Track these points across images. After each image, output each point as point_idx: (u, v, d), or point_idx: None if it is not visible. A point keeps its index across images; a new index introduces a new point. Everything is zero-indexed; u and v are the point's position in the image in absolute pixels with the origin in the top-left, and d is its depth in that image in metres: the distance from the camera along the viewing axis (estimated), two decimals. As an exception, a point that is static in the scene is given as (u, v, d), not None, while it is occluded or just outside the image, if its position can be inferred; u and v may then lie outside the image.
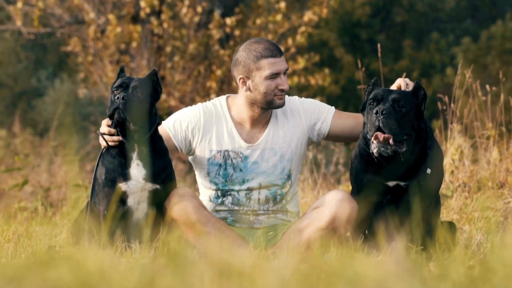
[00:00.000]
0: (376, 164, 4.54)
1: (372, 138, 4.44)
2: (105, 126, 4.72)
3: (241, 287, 2.02)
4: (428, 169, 4.57)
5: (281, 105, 4.87)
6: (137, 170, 4.68)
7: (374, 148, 4.44)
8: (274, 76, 4.83)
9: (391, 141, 4.40)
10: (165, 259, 2.37)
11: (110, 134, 4.70)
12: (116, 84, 4.67)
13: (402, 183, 4.55)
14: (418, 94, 4.56)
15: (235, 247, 4.71)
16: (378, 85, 4.65)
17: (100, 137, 4.73)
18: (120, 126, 4.63)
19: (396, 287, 2.00)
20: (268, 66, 4.82)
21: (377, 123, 4.41)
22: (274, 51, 4.83)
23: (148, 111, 4.66)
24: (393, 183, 4.57)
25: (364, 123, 4.59)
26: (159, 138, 4.77)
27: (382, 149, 4.42)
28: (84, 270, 2.15)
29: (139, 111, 4.60)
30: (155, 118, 4.73)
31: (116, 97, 4.58)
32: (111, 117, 4.63)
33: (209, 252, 4.55)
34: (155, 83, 4.73)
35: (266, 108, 4.90)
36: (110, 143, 4.69)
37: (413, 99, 4.53)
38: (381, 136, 4.40)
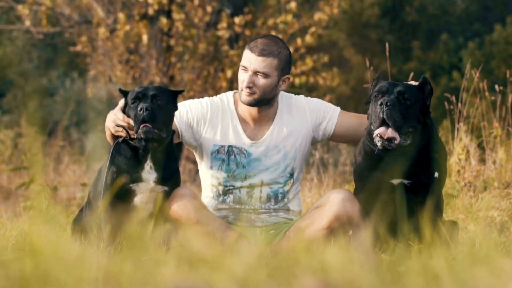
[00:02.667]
0: (380, 161, 4.52)
1: (376, 135, 4.41)
2: (122, 120, 4.66)
3: (203, 275, 2.01)
4: (436, 172, 4.55)
5: (245, 102, 4.86)
6: (149, 173, 4.68)
7: (378, 141, 4.41)
8: (243, 68, 4.85)
9: (395, 142, 4.38)
10: (124, 248, 2.37)
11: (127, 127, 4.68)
12: (133, 96, 4.63)
13: (406, 181, 4.53)
14: (424, 89, 4.53)
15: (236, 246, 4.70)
16: (382, 79, 4.63)
17: (113, 126, 4.67)
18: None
19: (360, 277, 1.99)
20: (244, 56, 4.87)
21: (381, 115, 4.39)
22: (256, 48, 4.82)
23: (169, 117, 4.67)
24: (397, 181, 4.54)
25: (369, 115, 4.56)
26: (172, 142, 4.77)
27: (386, 142, 4.39)
28: (42, 259, 2.15)
29: (162, 118, 4.59)
30: (172, 126, 4.74)
31: (139, 110, 4.55)
32: (136, 131, 4.58)
33: (174, 242, 4.57)
34: (172, 91, 4.73)
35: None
36: (132, 135, 4.65)
37: (418, 93, 4.50)
38: (385, 134, 4.38)
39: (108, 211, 4.64)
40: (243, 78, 4.84)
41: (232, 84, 15.07)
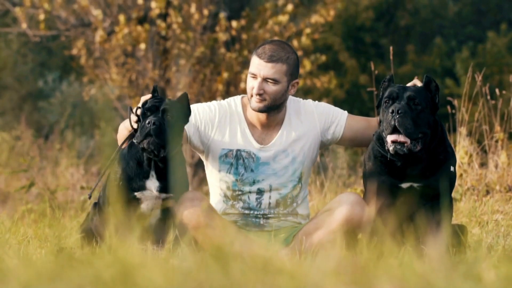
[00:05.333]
0: (390, 165, 4.54)
1: (389, 140, 4.44)
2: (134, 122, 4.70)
3: (282, 284, 2.01)
4: (452, 167, 4.60)
5: (256, 109, 4.86)
6: (152, 182, 4.70)
7: (390, 146, 4.44)
8: (252, 75, 4.84)
9: (406, 145, 4.41)
10: (208, 255, 2.36)
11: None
12: (147, 107, 4.65)
13: (415, 185, 4.55)
14: (431, 87, 4.56)
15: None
16: (393, 81, 4.65)
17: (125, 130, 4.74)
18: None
19: (442, 283, 2.00)
20: (252, 63, 4.86)
21: (393, 123, 4.42)
22: (265, 54, 4.81)
23: (177, 133, 4.69)
24: (406, 185, 4.56)
25: (380, 121, 4.58)
26: (178, 150, 4.79)
27: (398, 147, 4.42)
28: (125, 264, 2.15)
29: (168, 135, 4.60)
30: (180, 141, 4.75)
31: (147, 122, 4.57)
32: (140, 141, 4.61)
33: (248, 249, 4.55)
34: (185, 107, 4.74)
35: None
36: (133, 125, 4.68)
37: (427, 93, 4.53)
38: (397, 140, 4.41)
39: (114, 218, 4.66)
40: (252, 85, 4.84)
41: (228, 88, 15.07)
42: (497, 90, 7.36)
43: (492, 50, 21.56)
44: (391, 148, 4.44)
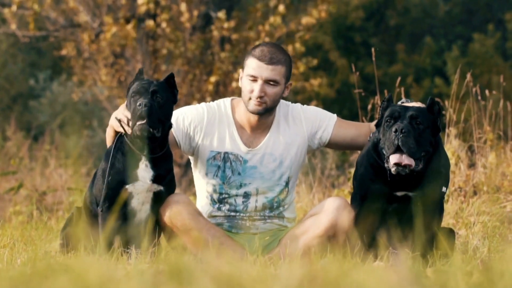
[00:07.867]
0: (385, 174, 4.52)
1: (391, 162, 4.41)
2: (122, 113, 4.66)
3: None
4: (444, 187, 4.58)
5: (255, 112, 4.85)
6: (145, 171, 4.65)
7: (392, 167, 4.42)
8: (252, 78, 4.82)
9: (410, 167, 4.40)
10: (165, 269, 2.34)
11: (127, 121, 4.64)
12: (135, 89, 4.61)
13: (410, 193, 4.54)
14: (434, 109, 4.54)
15: (233, 254, 4.68)
16: (392, 101, 4.64)
17: (115, 122, 4.69)
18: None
19: None
20: (251, 65, 4.83)
21: (396, 142, 4.39)
22: (265, 57, 4.80)
23: (167, 115, 4.65)
24: (401, 193, 4.55)
25: (379, 139, 4.55)
26: (167, 141, 4.76)
27: (400, 169, 4.41)
28: (83, 281, 2.13)
29: (160, 116, 4.57)
30: (170, 121, 4.71)
31: (138, 104, 4.52)
32: (133, 126, 4.56)
33: (209, 263, 4.53)
34: (172, 87, 4.71)
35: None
36: (128, 131, 4.62)
37: (429, 115, 4.51)
38: (401, 162, 4.38)
39: (104, 217, 4.62)
40: (251, 88, 4.81)
41: (218, 88, 15.05)
42: (487, 92, 7.36)
43: (481, 51, 21.62)
44: (393, 170, 4.42)
